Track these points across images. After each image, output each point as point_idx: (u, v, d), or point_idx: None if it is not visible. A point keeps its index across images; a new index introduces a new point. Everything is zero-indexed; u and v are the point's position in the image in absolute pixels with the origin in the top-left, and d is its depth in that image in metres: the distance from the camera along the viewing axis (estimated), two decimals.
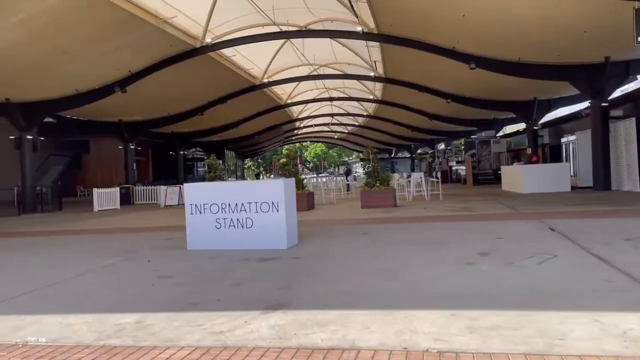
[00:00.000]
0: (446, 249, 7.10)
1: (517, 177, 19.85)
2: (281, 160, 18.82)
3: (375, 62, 23.94)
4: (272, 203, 8.04)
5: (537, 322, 3.65)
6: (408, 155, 67.04)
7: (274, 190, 8.12)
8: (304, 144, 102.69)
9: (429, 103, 33.52)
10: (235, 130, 40.90)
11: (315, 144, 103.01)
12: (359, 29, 19.45)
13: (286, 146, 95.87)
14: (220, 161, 16.46)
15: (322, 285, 5.36)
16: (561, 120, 26.09)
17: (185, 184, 8.49)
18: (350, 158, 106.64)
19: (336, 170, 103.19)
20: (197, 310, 4.53)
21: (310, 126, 57.48)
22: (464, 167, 32.32)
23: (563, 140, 22.34)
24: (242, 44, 21.28)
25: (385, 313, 4.06)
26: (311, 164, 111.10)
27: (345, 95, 39.78)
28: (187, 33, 19.95)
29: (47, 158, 39.21)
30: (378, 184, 15.42)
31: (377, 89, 34.75)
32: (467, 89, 26.50)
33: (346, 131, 64.34)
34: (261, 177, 61.80)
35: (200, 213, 8.36)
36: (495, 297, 4.43)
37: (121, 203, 23.62)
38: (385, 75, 27.90)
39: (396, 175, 22.46)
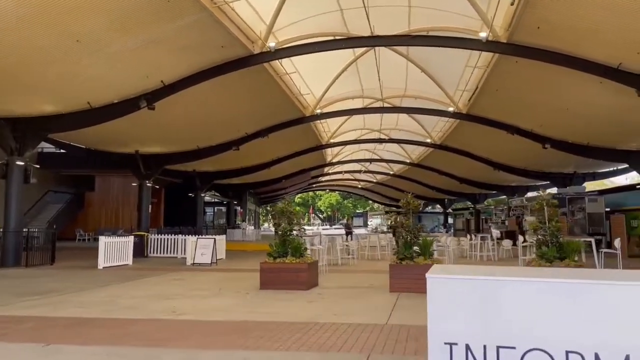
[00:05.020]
0: None
1: None
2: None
3: (477, 88, 18.60)
4: None
5: None
6: (440, 210, 61.30)
7: None
8: (318, 192, 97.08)
9: (498, 150, 28.44)
10: (261, 173, 35.39)
11: (330, 193, 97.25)
12: (482, 34, 14.19)
13: (299, 194, 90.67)
14: (300, 209, 10.69)
15: None
16: None
17: (435, 268, 2.77)
18: (366, 210, 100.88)
19: (345, 221, 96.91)
20: None
21: (340, 172, 51.90)
22: None
23: None
24: (318, 51, 15.93)
25: None
26: (324, 215, 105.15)
27: (393, 138, 34.45)
28: (245, 32, 14.72)
29: (45, 194, 33.70)
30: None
31: (439, 130, 29.48)
32: (576, 133, 21.17)
33: (374, 180, 58.77)
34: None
35: None
36: None
37: (133, 255, 17.88)
38: (468, 112, 22.63)
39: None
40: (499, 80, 17.64)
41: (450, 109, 23.04)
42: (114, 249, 16.43)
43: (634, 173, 38.04)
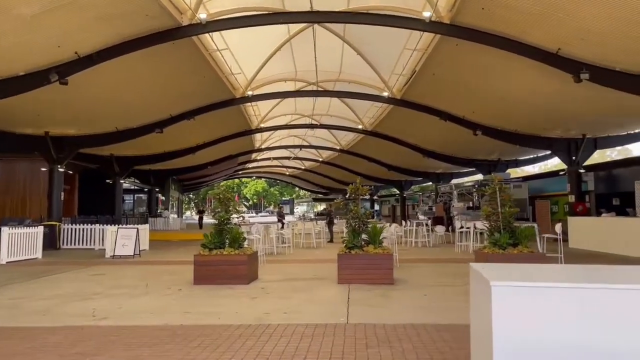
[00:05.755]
0: None
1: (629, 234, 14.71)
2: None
3: (415, 71, 18.19)
4: None
5: None
6: (367, 197, 61.77)
7: None
8: (243, 179, 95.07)
9: (428, 137, 28.66)
10: (185, 158, 33.49)
11: (256, 180, 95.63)
12: (426, 14, 13.68)
13: (223, 182, 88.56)
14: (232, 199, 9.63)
15: None
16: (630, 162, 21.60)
17: (492, 271, 2.00)
18: (293, 197, 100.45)
19: (278, 208, 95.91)
20: None
21: (268, 159, 50.65)
22: (473, 214, 27.11)
23: None
24: (253, 26, 14.75)
25: None
26: (250, 202, 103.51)
27: (324, 123, 33.79)
28: (173, 1, 13.29)
29: None
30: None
31: (371, 116, 29.17)
32: (506, 120, 21.49)
33: (303, 167, 58.08)
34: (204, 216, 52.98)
35: None
36: None
37: (43, 247, 16.05)
38: (402, 97, 22.33)
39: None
40: (437, 64, 17.33)
41: (385, 94, 22.65)
42: (19, 241, 14.56)
43: (542, 162, 40.07)
